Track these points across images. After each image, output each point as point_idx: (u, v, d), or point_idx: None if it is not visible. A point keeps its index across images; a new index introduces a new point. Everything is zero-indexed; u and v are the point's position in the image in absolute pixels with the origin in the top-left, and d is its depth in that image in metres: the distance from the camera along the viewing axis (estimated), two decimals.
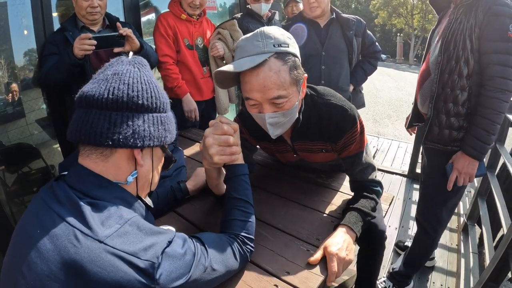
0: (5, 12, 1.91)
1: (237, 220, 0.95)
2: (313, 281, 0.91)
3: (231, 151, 0.97)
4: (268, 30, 0.98)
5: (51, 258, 0.60)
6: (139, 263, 0.62)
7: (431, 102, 1.57)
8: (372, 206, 1.17)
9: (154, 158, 0.82)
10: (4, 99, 2.10)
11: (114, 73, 0.73)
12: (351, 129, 1.14)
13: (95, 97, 0.69)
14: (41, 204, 0.69)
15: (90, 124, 0.69)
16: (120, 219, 0.67)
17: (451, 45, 1.48)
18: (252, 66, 0.93)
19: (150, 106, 0.75)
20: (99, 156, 0.72)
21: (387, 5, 30.63)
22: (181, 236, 0.75)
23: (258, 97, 0.99)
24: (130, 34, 1.82)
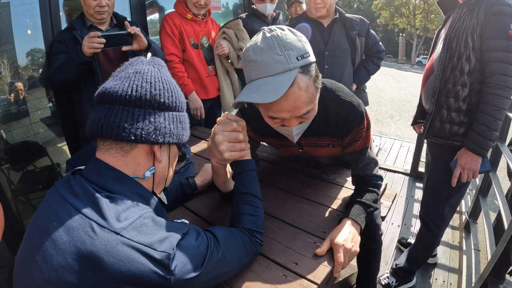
0: (8, 12, 1.94)
1: (246, 215, 0.97)
2: (321, 271, 0.93)
3: (241, 147, 0.98)
4: (285, 36, 0.86)
5: (67, 250, 0.61)
6: (155, 254, 0.63)
7: (433, 97, 1.61)
8: (374, 198, 1.20)
9: (171, 155, 0.84)
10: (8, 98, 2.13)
11: (136, 72, 0.75)
12: (358, 125, 1.13)
13: (118, 93, 0.72)
14: (57, 197, 0.70)
15: (113, 119, 0.71)
16: (135, 212, 0.68)
17: (453, 43, 1.52)
18: (285, 91, 0.84)
19: (171, 105, 0.78)
20: (119, 151, 0.74)
21: (389, 5, 30.60)
22: (195, 229, 0.76)
23: (287, 116, 0.93)
24: (138, 33, 1.84)
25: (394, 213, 2.85)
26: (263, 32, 0.89)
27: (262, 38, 0.88)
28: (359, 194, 1.20)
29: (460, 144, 1.58)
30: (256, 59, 0.87)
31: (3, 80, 2.08)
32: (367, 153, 1.23)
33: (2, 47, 2.01)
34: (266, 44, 0.86)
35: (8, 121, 2.15)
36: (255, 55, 0.87)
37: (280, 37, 0.86)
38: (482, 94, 1.46)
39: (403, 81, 14.61)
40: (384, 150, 4.58)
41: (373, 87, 12.56)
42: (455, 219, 2.74)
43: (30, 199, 2.34)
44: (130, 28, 1.82)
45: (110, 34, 1.79)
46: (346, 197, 1.34)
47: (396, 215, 2.83)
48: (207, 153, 1.89)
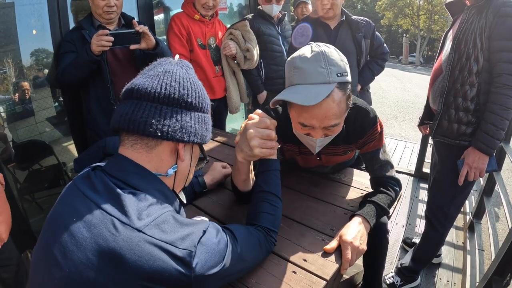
0: (12, 12, 1.97)
1: (265, 213, 0.98)
2: (329, 268, 0.95)
3: (271, 145, 1.00)
4: (330, 54, 0.96)
5: (88, 246, 0.61)
6: (177, 252, 0.63)
7: (442, 97, 1.63)
8: (389, 202, 1.20)
9: (193, 155, 0.85)
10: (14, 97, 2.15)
11: (165, 71, 0.76)
12: (371, 129, 1.21)
13: (148, 90, 0.73)
14: (76, 193, 0.70)
15: (141, 114, 0.72)
16: (157, 210, 0.68)
17: (462, 44, 1.55)
18: (323, 98, 0.93)
19: (198, 106, 0.79)
20: (144, 146, 0.75)
21: (393, 6, 30.51)
22: (214, 226, 0.77)
23: (316, 124, 1.01)
24: (146, 31, 1.86)
25: (398, 213, 2.86)
26: (311, 46, 1.00)
27: (310, 51, 0.98)
28: (374, 194, 1.21)
29: (467, 143, 1.59)
30: (301, 67, 0.97)
31: (8, 79, 2.10)
32: (382, 154, 1.25)
33: (8, 47, 2.04)
34: (313, 56, 0.96)
35: (14, 121, 2.18)
36: (301, 63, 0.97)
37: (325, 53, 0.96)
38: (490, 94, 1.48)
39: (407, 82, 14.58)
40: (388, 151, 4.57)
41: (377, 88, 12.53)
42: (459, 219, 2.74)
43: (36, 198, 2.36)
44: (138, 26, 1.84)
45: (119, 32, 1.80)
46: (353, 196, 1.35)
47: (400, 215, 2.84)
48: (215, 152, 1.93)
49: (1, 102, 2.10)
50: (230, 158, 1.80)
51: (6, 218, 1.39)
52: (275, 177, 1.05)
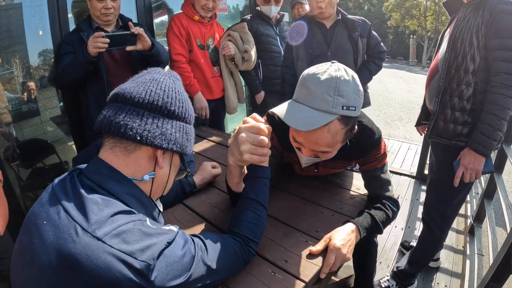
0: (20, 13, 2.00)
1: (248, 222, 0.95)
2: (309, 269, 0.94)
3: (262, 152, 0.95)
4: (344, 84, 0.91)
5: (51, 250, 0.62)
6: (135, 264, 0.62)
7: (438, 97, 1.61)
8: (384, 221, 1.16)
9: (172, 164, 0.85)
10: (20, 97, 2.19)
11: (153, 79, 0.78)
12: (374, 149, 1.19)
13: (132, 95, 0.74)
14: (51, 196, 0.71)
15: (123, 117, 0.73)
16: (124, 218, 0.67)
17: (458, 42, 1.52)
18: (316, 127, 0.90)
19: (180, 115, 0.80)
20: (123, 150, 0.75)
21: (400, 6, 30.30)
22: (183, 237, 0.75)
23: (305, 144, 1.00)
24: (142, 33, 1.88)
25: (398, 215, 2.82)
26: (332, 66, 0.94)
27: (327, 73, 0.92)
28: (376, 210, 1.17)
29: (463, 144, 1.57)
30: (310, 87, 0.93)
31: (16, 79, 2.14)
32: (382, 174, 1.23)
33: (14, 47, 2.08)
34: (326, 79, 0.91)
35: (20, 120, 2.21)
36: (311, 83, 0.93)
37: (340, 81, 0.90)
38: (486, 93, 1.45)
39: (413, 83, 14.42)
40: (392, 153, 4.54)
41: (382, 89, 12.45)
42: (460, 223, 2.71)
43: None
44: (134, 28, 1.86)
45: (114, 34, 1.83)
46: (343, 198, 1.34)
47: (400, 217, 2.81)
48: (209, 152, 1.93)
49: (9, 100, 2.14)
50: (222, 157, 1.80)
51: (3, 212, 1.42)
52: (263, 185, 1.02)
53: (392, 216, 1.20)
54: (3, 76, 2.08)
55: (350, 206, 1.29)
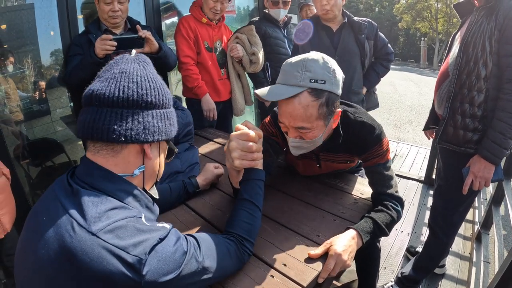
0: (33, 14, 2.04)
1: (242, 222, 0.97)
2: (308, 274, 0.94)
3: (252, 157, 1.01)
4: (311, 62, 1.02)
5: (50, 245, 0.65)
6: (127, 258, 0.64)
7: (448, 102, 1.58)
8: (388, 222, 1.16)
9: (161, 150, 0.87)
10: (31, 97, 2.23)
11: (122, 71, 0.76)
12: (376, 145, 1.21)
13: (105, 95, 0.73)
14: (52, 194, 0.74)
15: (103, 122, 0.73)
16: (118, 214, 0.70)
17: (470, 47, 1.48)
18: (283, 98, 1.01)
19: (158, 103, 0.79)
20: (110, 151, 0.76)
21: (411, 8, 30.03)
22: (175, 234, 0.76)
23: (285, 121, 1.08)
24: (149, 36, 1.91)
25: (404, 220, 2.80)
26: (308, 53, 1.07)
27: (298, 57, 1.05)
28: (377, 213, 1.17)
29: (473, 151, 1.53)
30: (284, 69, 1.06)
31: (27, 79, 2.19)
32: (385, 170, 1.23)
33: (26, 47, 2.12)
34: (296, 62, 1.04)
35: (30, 119, 2.26)
36: (286, 66, 1.06)
37: (307, 61, 1.02)
38: (498, 101, 1.42)
39: (424, 86, 14.27)
40: (400, 157, 4.49)
41: (393, 92, 12.34)
42: (468, 229, 2.67)
43: None
44: (141, 32, 1.90)
45: (122, 37, 1.86)
46: (346, 203, 1.34)
47: (406, 222, 2.78)
48: (215, 154, 1.95)
49: (20, 99, 2.18)
50: None
51: (11, 209, 1.47)
52: (257, 187, 1.05)
53: (397, 216, 1.20)
54: (15, 75, 2.13)
55: (353, 211, 1.28)
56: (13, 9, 2.04)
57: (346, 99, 1.97)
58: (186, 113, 1.93)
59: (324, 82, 1.02)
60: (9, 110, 2.12)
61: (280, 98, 1.02)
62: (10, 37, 2.04)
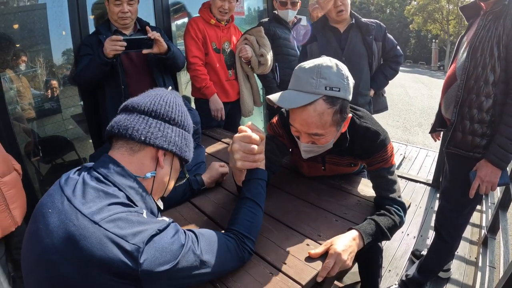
0: (45, 14, 2.09)
1: (243, 219, 1.00)
2: (307, 273, 0.95)
3: (253, 159, 1.05)
4: (326, 69, 1.02)
5: (54, 234, 0.70)
6: (126, 246, 0.69)
7: (456, 107, 1.57)
8: (391, 227, 1.15)
9: (173, 167, 0.95)
10: (43, 95, 2.29)
11: (157, 94, 0.92)
12: (380, 151, 1.22)
13: (139, 104, 0.88)
14: (58, 188, 0.80)
15: (131, 122, 0.86)
16: (118, 208, 0.75)
17: (478, 52, 1.48)
18: (300, 105, 1.01)
19: (180, 122, 0.93)
20: (128, 150, 0.86)
21: (422, 10, 29.71)
22: (174, 227, 0.81)
23: (299, 127, 1.09)
24: (158, 38, 1.94)
25: (410, 223, 2.78)
26: (318, 59, 1.07)
27: (311, 62, 1.05)
28: (379, 216, 1.17)
29: (480, 156, 1.53)
30: (297, 75, 1.06)
31: (39, 77, 2.24)
32: (387, 174, 1.23)
33: (38, 47, 2.17)
34: (310, 68, 1.04)
35: (42, 116, 2.31)
36: (299, 71, 1.06)
37: (322, 68, 1.02)
38: (505, 106, 1.42)
39: (435, 88, 14.09)
40: (409, 159, 4.46)
41: (403, 94, 12.24)
42: (474, 233, 2.64)
43: None
44: (151, 33, 1.93)
45: (132, 38, 1.90)
46: (349, 204, 1.34)
47: (412, 225, 2.76)
48: (221, 154, 1.97)
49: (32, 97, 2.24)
50: None
51: (21, 204, 1.51)
52: (259, 186, 1.09)
53: (400, 221, 1.19)
54: (27, 74, 2.18)
55: (355, 212, 1.29)
56: (26, 9, 2.09)
57: (353, 101, 1.98)
58: (193, 112, 1.96)
59: (339, 89, 1.02)
60: (21, 107, 2.18)
61: (297, 105, 1.01)
62: (23, 37, 2.09)
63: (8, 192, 1.42)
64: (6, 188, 1.41)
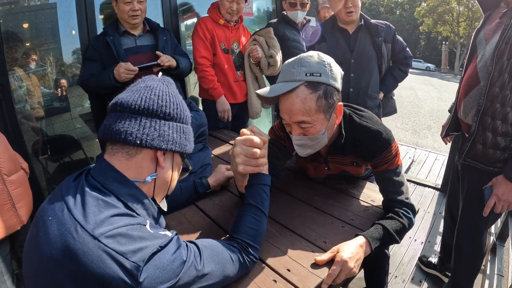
0: (55, 13, 2.11)
1: (247, 227, 0.97)
2: (312, 281, 0.93)
3: (256, 163, 1.02)
4: (306, 58, 1.06)
5: (53, 244, 0.68)
6: (126, 263, 0.66)
7: (477, 116, 1.42)
8: (399, 230, 1.13)
9: (174, 163, 0.90)
10: (52, 94, 2.30)
11: (146, 86, 0.84)
12: (384, 152, 1.19)
13: (129, 103, 0.80)
14: (59, 194, 0.77)
15: (123, 125, 0.79)
16: (122, 220, 0.72)
17: (504, 56, 1.31)
18: (281, 93, 1.04)
19: (175, 116, 0.86)
20: (125, 154, 0.81)
21: (433, 12, 29.46)
22: (176, 242, 0.78)
23: (287, 118, 1.10)
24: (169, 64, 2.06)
25: (418, 229, 2.74)
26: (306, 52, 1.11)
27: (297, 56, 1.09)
28: (387, 220, 1.14)
29: (499, 170, 1.41)
30: (283, 69, 1.11)
31: (49, 76, 2.26)
32: (394, 176, 1.20)
33: (48, 46, 2.19)
34: (292, 60, 1.08)
35: (51, 115, 2.33)
36: (284, 66, 1.11)
37: (302, 58, 1.06)
38: None
39: (444, 91, 13.95)
40: (418, 163, 4.39)
41: (413, 96, 12.13)
42: None
43: None
44: (160, 59, 2.03)
45: (143, 66, 1.98)
46: (356, 209, 1.32)
47: (420, 231, 2.72)
48: (228, 156, 1.95)
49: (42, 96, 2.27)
50: None
51: (28, 202, 1.52)
52: (262, 192, 1.05)
53: (409, 223, 1.16)
54: (37, 72, 2.20)
55: (363, 219, 1.26)
56: (36, 8, 2.11)
57: (362, 104, 1.96)
58: (200, 114, 1.95)
59: (320, 74, 1.04)
60: (30, 106, 2.20)
61: (278, 93, 1.04)
62: (33, 36, 2.11)
63: (15, 191, 1.43)
64: (12, 186, 1.42)
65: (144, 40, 2.14)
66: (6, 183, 1.39)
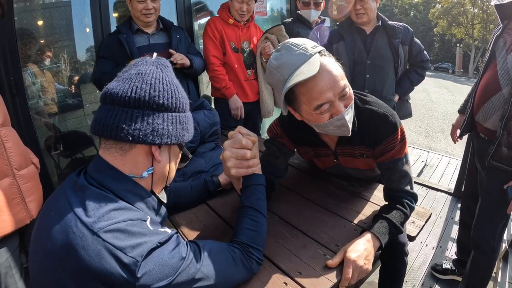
0: (69, 11, 2.13)
1: (245, 229, 0.95)
2: (323, 284, 0.91)
3: (248, 165, 1.00)
4: (294, 40, 1.00)
5: (55, 240, 0.67)
6: (124, 259, 0.65)
7: (501, 121, 1.47)
8: (402, 220, 1.12)
9: (172, 154, 0.86)
10: (66, 90, 2.33)
11: (138, 73, 0.77)
12: (391, 136, 1.13)
13: (118, 95, 0.74)
14: (62, 190, 0.77)
15: (113, 120, 0.74)
16: (122, 215, 0.71)
17: None
18: (318, 67, 0.92)
19: (170, 106, 0.79)
20: (118, 150, 0.77)
21: (447, 13, 29.10)
22: (176, 240, 0.76)
23: (331, 95, 0.97)
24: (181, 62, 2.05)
25: (430, 234, 2.68)
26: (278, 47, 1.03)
27: (276, 50, 1.02)
28: (388, 211, 1.13)
29: None
30: (281, 62, 0.98)
31: (63, 73, 2.28)
32: (401, 166, 1.17)
33: (62, 43, 2.22)
34: (282, 50, 0.99)
35: (64, 112, 2.36)
36: (278, 60, 0.98)
37: (289, 42, 0.99)
38: None
39: (458, 94, 13.73)
40: (430, 167, 4.32)
41: (426, 99, 11.98)
42: None
43: None
44: (174, 57, 2.03)
45: None
46: (369, 213, 1.29)
47: (432, 236, 2.66)
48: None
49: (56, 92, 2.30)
50: None
51: (38, 197, 1.52)
52: (257, 192, 1.03)
53: (410, 212, 1.15)
54: (51, 69, 2.22)
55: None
56: (51, 6, 2.13)
57: None
58: (213, 113, 1.95)
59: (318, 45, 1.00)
60: (44, 102, 2.22)
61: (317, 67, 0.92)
62: (48, 33, 2.13)
63: (25, 185, 1.43)
64: (22, 181, 1.42)
65: (157, 38, 2.14)
66: (16, 177, 1.40)
